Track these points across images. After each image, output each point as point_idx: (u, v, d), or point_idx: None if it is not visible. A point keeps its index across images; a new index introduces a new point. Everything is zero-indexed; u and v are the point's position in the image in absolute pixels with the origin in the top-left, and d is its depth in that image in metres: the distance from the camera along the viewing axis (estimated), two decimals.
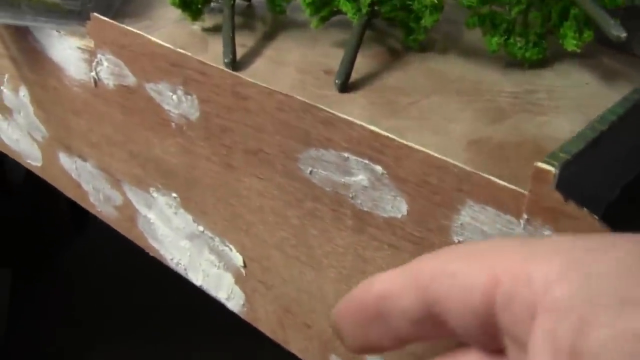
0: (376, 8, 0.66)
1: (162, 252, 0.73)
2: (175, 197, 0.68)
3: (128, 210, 0.74)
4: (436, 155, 0.48)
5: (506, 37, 0.66)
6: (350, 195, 0.54)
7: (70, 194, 0.81)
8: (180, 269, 0.71)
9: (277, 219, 0.60)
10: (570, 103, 0.62)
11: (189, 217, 0.67)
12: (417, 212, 0.51)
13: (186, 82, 0.61)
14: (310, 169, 0.55)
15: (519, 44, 0.67)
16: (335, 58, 0.67)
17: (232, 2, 0.68)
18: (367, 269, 0.56)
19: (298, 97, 0.53)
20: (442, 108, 0.61)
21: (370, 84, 0.64)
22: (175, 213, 0.68)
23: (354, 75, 0.64)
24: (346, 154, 0.52)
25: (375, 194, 0.52)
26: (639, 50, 0.71)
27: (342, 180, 0.54)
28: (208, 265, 0.69)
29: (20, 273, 1.71)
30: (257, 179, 0.60)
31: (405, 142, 0.49)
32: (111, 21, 0.65)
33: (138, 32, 0.63)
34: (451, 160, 0.48)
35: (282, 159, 0.57)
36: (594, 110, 0.61)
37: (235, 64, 0.65)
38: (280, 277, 0.63)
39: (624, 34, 0.57)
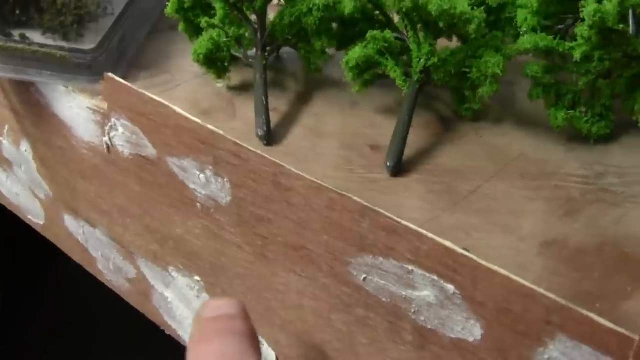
0: (428, 75, 0.58)
1: (179, 332, 0.65)
2: (198, 281, 0.60)
3: (142, 285, 0.66)
4: (521, 281, 0.41)
5: (572, 109, 0.59)
6: (412, 310, 0.47)
7: (76, 257, 0.73)
8: None
9: (319, 321, 0.53)
10: None
11: None
12: (494, 338, 0.44)
13: (217, 163, 0.54)
14: (364, 275, 0.48)
15: (585, 118, 0.60)
16: (380, 128, 0.60)
17: (264, 62, 0.61)
18: None
19: (355, 198, 0.46)
20: (508, 197, 0.54)
21: (424, 164, 0.57)
22: (198, 297, 0.61)
23: (406, 152, 0.57)
24: (411, 267, 0.45)
25: (443, 312, 0.46)
26: None
27: (403, 293, 0.47)
28: None
29: (9, 288, 1.64)
30: (297, 276, 0.53)
31: (485, 263, 0.42)
32: (128, 84, 0.57)
33: (161, 100, 0.55)
34: (540, 290, 0.41)
35: (330, 261, 0.50)
36: None
37: (270, 137, 0.58)
38: None
39: None
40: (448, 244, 0.43)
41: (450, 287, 0.44)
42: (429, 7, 0.54)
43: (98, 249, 0.69)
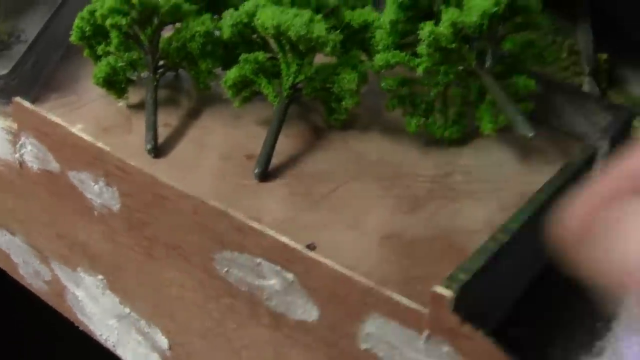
0: (298, 90, 0.67)
1: (91, 327, 0.73)
2: (102, 279, 0.68)
3: (57, 286, 0.74)
4: (341, 270, 0.50)
5: (426, 117, 0.68)
6: (265, 297, 0.55)
7: (1, 264, 0.81)
8: (109, 345, 0.72)
9: (198, 310, 0.61)
10: (486, 187, 0.64)
11: (116, 299, 0.68)
12: (328, 318, 0.52)
13: (107, 175, 0.62)
14: (226, 268, 0.56)
15: (438, 123, 0.68)
16: (258, 139, 0.68)
17: (155, 83, 0.69)
18: None
19: (212, 203, 0.54)
20: (360, 197, 0.62)
21: (290, 169, 0.65)
22: (103, 294, 0.69)
23: (276, 160, 0.65)
24: (259, 260, 0.53)
25: (287, 298, 0.54)
26: (556, 123, 0.73)
27: (256, 282, 0.55)
28: (135, 345, 0.70)
29: None
30: (178, 272, 0.61)
31: (312, 255, 0.50)
32: (33, 108, 0.65)
33: (59, 122, 0.63)
34: (356, 276, 0.49)
35: (200, 257, 0.58)
36: (509, 195, 0.63)
37: (158, 150, 0.66)
38: None
39: (531, 134, 0.59)
40: (284, 239, 0.51)
41: (290, 276, 0.52)
42: (289, 32, 0.63)
43: (19, 255, 0.77)
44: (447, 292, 0.45)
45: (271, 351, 0.57)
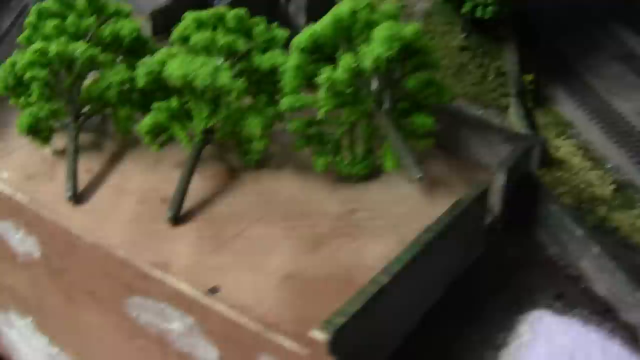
0: (211, 134, 0.70)
1: None
2: (31, 322, 0.71)
3: None
4: (233, 315, 0.53)
5: (334, 155, 0.71)
6: (172, 339, 0.58)
7: None
8: None
9: (117, 351, 0.65)
10: (389, 223, 0.68)
11: (45, 340, 0.71)
12: (226, 359, 0.56)
13: (27, 224, 0.65)
14: (136, 312, 0.60)
15: (345, 161, 0.71)
16: (175, 182, 0.71)
17: (76, 132, 0.72)
18: None
19: (118, 253, 0.57)
20: (266, 238, 0.65)
21: (202, 212, 0.68)
22: (33, 335, 0.72)
23: (190, 202, 0.68)
24: (162, 305, 0.57)
25: (190, 340, 0.57)
26: (465, 154, 0.76)
27: (163, 325, 0.58)
28: None
29: None
30: (96, 315, 0.64)
31: (207, 301, 0.54)
32: None
33: None
34: (245, 320, 0.53)
35: (112, 302, 0.61)
36: (409, 230, 0.66)
37: (77, 197, 0.69)
38: None
39: (418, 176, 0.63)
40: (182, 286, 0.55)
41: (190, 320, 0.56)
42: (195, 82, 0.66)
43: None
44: (321, 336, 0.49)
45: None
